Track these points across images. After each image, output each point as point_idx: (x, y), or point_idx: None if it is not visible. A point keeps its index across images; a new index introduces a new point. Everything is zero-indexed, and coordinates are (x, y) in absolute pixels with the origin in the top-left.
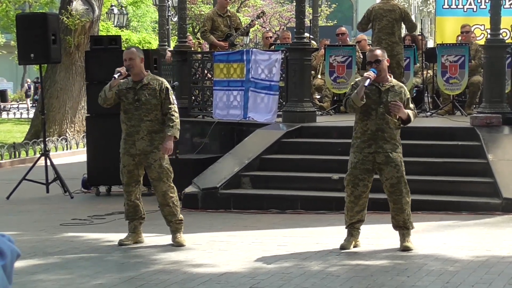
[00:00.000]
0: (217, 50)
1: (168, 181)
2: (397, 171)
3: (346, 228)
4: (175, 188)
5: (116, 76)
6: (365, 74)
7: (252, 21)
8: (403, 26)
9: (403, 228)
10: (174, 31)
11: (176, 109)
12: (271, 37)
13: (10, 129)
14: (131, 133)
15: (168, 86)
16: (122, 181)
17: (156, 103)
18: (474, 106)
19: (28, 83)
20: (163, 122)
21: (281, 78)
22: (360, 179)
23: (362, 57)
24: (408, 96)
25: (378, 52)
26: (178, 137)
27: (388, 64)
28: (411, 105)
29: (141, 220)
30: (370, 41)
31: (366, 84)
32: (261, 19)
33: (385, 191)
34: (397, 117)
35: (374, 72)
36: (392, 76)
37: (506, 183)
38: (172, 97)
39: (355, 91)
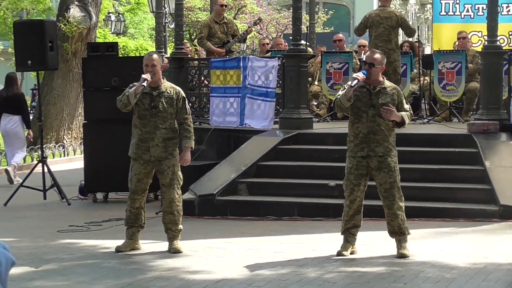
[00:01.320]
0: (214, 57)
1: (177, 188)
2: (390, 177)
3: (341, 234)
4: (181, 196)
5: (144, 84)
6: (354, 75)
7: (249, 27)
8: (401, 33)
9: (399, 234)
10: (171, 38)
11: (191, 119)
12: (268, 43)
13: None
14: (145, 139)
15: (185, 95)
16: (129, 188)
17: (172, 112)
18: (471, 112)
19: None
20: (176, 129)
21: (278, 85)
22: (355, 184)
23: (359, 63)
24: (402, 97)
25: (377, 56)
26: (193, 147)
27: (383, 71)
28: (406, 106)
29: (140, 228)
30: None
31: (353, 84)
32: (258, 25)
33: (380, 196)
34: (391, 120)
35: (364, 74)
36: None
37: (503, 190)
38: (188, 107)
39: (344, 91)
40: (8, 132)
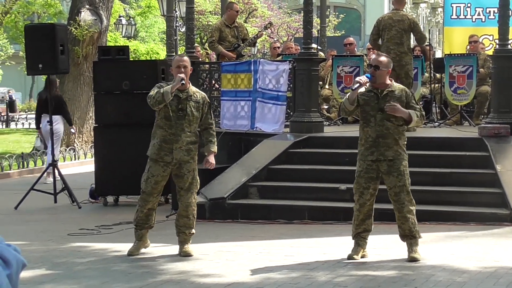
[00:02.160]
0: (225, 61)
1: (195, 193)
2: (399, 181)
3: (352, 238)
4: (196, 200)
5: (183, 82)
6: (357, 78)
7: (259, 31)
8: (413, 37)
9: (409, 238)
10: (182, 42)
11: (214, 124)
12: (279, 47)
13: (19, 139)
14: (169, 140)
15: (209, 101)
16: (143, 188)
17: (198, 116)
18: (482, 116)
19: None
20: (198, 134)
21: (289, 89)
22: (364, 188)
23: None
24: (411, 98)
25: (383, 59)
26: (216, 152)
27: (389, 74)
28: (417, 106)
29: (149, 228)
30: None
31: (354, 87)
32: (269, 29)
33: (390, 200)
34: (399, 120)
35: (367, 77)
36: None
37: None
38: (212, 112)
39: (347, 95)
40: (48, 131)
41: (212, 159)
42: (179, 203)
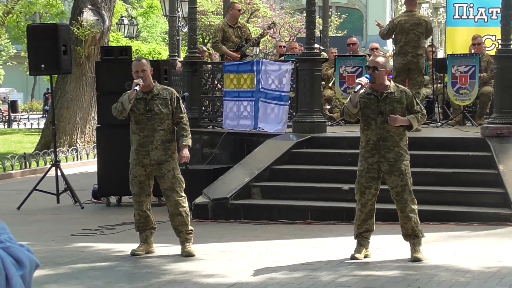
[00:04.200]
0: (229, 61)
1: (180, 191)
2: (401, 180)
3: (355, 238)
4: (186, 198)
5: (137, 88)
6: (357, 80)
7: (263, 31)
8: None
9: (412, 237)
10: (184, 42)
11: (187, 118)
12: (284, 46)
13: (21, 140)
14: (144, 143)
15: (178, 95)
16: (132, 191)
17: (168, 112)
18: (485, 116)
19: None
20: (174, 131)
21: (291, 89)
22: (366, 187)
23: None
24: (412, 98)
25: (380, 59)
26: (191, 145)
27: (387, 74)
28: (417, 107)
29: (152, 230)
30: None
31: (356, 90)
32: (272, 29)
33: (393, 200)
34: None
35: (367, 78)
36: (409, 83)
37: None
38: (183, 106)
39: (349, 98)
40: None
41: (186, 153)
42: (168, 204)
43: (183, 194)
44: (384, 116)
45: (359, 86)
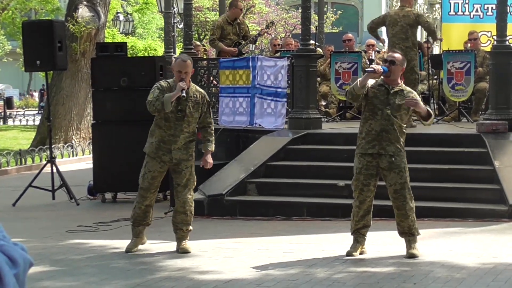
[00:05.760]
0: (225, 57)
1: (192, 189)
2: (400, 177)
3: (352, 234)
4: (193, 198)
5: (184, 94)
6: (373, 65)
7: (261, 30)
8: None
9: (408, 235)
10: (179, 38)
11: (213, 123)
12: (280, 44)
13: (16, 136)
14: (168, 141)
15: (209, 100)
16: (141, 185)
17: (197, 116)
18: (480, 112)
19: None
20: (196, 132)
21: (287, 85)
22: (364, 185)
23: (368, 63)
24: (419, 100)
25: (398, 56)
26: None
27: (402, 72)
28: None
29: (147, 225)
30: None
31: (369, 71)
32: (270, 28)
33: (390, 197)
34: (403, 118)
35: (383, 69)
36: (403, 81)
37: None
38: (211, 111)
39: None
40: None
41: (209, 159)
42: (176, 199)
43: (193, 193)
44: (392, 109)
45: (372, 69)
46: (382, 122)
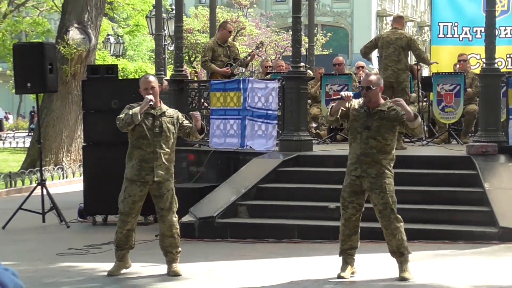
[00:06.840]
0: (217, 79)
1: (175, 212)
2: (381, 198)
3: (339, 255)
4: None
5: (152, 104)
6: (342, 92)
7: (252, 51)
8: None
9: (398, 254)
10: (170, 60)
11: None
12: (270, 66)
13: (6, 158)
14: (149, 159)
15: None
16: (121, 209)
17: (174, 131)
18: (470, 134)
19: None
20: (174, 152)
21: (278, 107)
22: (348, 202)
23: (359, 85)
24: (402, 117)
25: (372, 78)
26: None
27: (381, 91)
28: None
29: (130, 249)
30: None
31: (336, 101)
32: (259, 49)
33: (377, 217)
34: (388, 138)
35: (355, 94)
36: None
37: (503, 212)
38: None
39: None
40: None
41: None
42: (161, 224)
43: (176, 215)
44: (370, 131)
45: (341, 96)
46: (361, 145)
